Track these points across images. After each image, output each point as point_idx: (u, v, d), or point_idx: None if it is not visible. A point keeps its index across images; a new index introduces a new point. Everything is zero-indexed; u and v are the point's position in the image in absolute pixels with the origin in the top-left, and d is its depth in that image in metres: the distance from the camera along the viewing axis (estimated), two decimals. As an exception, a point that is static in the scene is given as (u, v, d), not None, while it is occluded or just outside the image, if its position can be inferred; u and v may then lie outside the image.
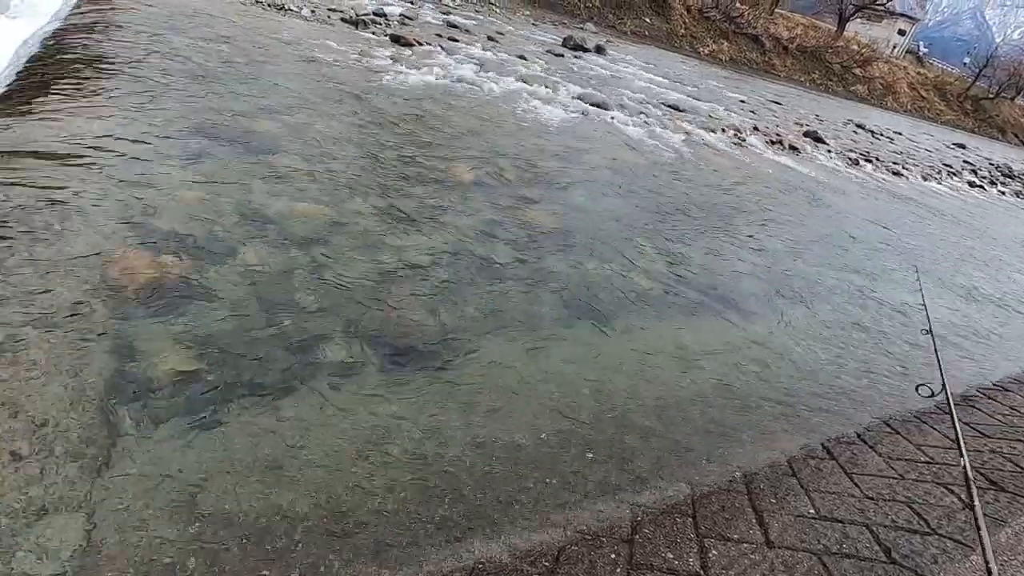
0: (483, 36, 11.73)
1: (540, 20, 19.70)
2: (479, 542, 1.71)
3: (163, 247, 2.59)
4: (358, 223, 3.28)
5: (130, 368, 1.99)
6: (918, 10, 51.06)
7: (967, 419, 3.05)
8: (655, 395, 2.64)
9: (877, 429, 2.84)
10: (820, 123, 14.98)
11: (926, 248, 6.70)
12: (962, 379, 3.69)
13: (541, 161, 5.22)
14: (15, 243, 2.32)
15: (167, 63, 4.67)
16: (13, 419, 1.70)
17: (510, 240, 3.64)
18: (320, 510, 1.70)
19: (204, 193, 3.07)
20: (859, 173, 9.93)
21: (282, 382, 2.13)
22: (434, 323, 2.69)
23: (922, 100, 37.39)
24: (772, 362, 3.22)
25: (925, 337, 2.79)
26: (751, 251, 4.74)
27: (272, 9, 8.34)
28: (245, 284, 2.55)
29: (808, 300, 4.18)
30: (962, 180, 13.28)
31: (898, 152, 14.54)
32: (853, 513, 2.04)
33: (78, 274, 2.28)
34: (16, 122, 3.21)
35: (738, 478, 2.25)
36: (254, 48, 5.93)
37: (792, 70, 31.11)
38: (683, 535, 1.86)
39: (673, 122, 8.76)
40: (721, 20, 29.19)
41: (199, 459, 1.77)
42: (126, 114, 3.62)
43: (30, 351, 1.91)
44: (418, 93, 6.21)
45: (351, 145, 4.28)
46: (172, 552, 1.49)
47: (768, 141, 9.78)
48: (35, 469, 1.60)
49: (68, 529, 1.49)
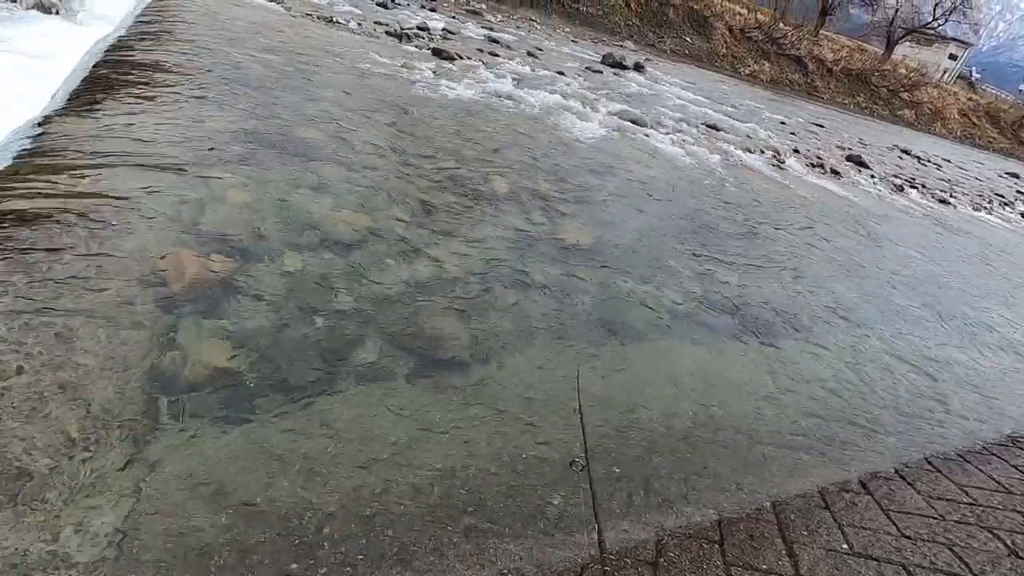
0: (523, 52, 11.89)
1: (580, 37, 19.86)
2: (503, 554, 1.71)
3: (210, 247, 2.69)
4: (395, 231, 3.35)
5: (173, 362, 2.07)
6: (971, 35, 49.58)
7: (1013, 462, 2.91)
8: (684, 417, 2.61)
9: (916, 466, 2.73)
10: (864, 147, 14.62)
11: (972, 279, 6.44)
12: (1015, 422, 3.52)
13: (576, 176, 5.24)
14: (73, 238, 2.45)
15: (222, 71, 4.88)
16: (66, 404, 1.79)
17: (543, 254, 3.66)
18: (348, 510, 1.73)
19: (250, 197, 3.19)
20: (904, 200, 9.63)
21: (316, 383, 2.19)
22: (465, 333, 2.72)
23: (973, 127, 36.13)
24: (806, 390, 3.14)
25: (971, 374, 2.69)
26: (788, 276, 4.64)
27: (321, 22, 8.64)
28: (285, 286, 2.63)
29: (847, 330, 4.07)
30: (1015, 211, 12.73)
31: (946, 180, 14.06)
32: (889, 552, 1.96)
33: (130, 269, 2.39)
34: (81, 124, 3.40)
35: (767, 507, 2.19)
36: (303, 59, 6.15)
37: (836, 92, 30.52)
38: (709, 561, 1.82)
39: (711, 142, 8.68)
40: (764, 41, 28.91)
41: (233, 453, 1.82)
42: (181, 119, 3.80)
43: (83, 340, 2.01)
44: (458, 106, 6.32)
45: (391, 155, 4.38)
46: (205, 540, 1.54)
47: (809, 164, 9.58)
48: (83, 452, 1.68)
49: (109, 512, 1.56)
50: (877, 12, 40.90)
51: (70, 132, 3.27)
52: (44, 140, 3.14)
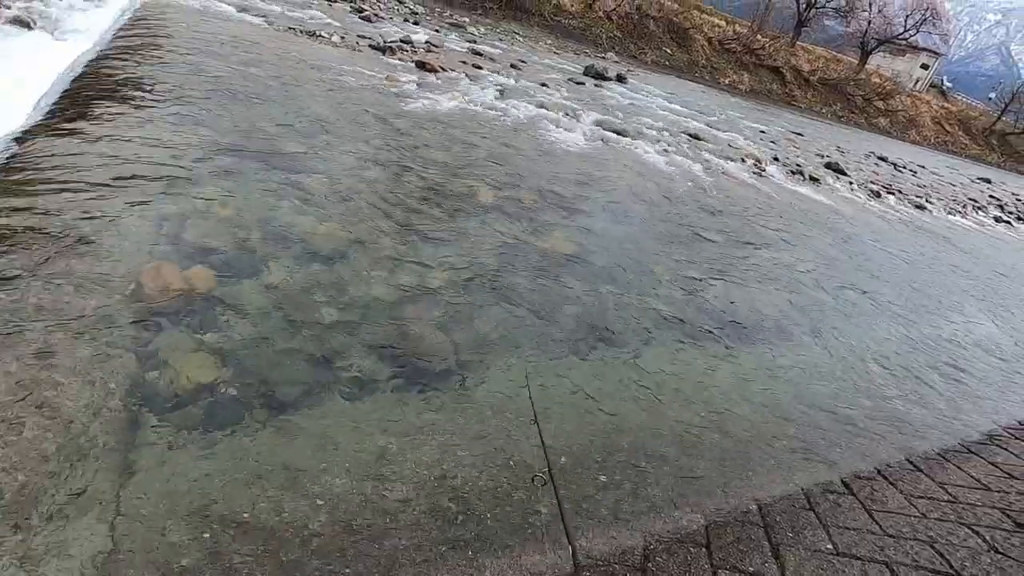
0: (506, 64, 12.00)
1: (562, 50, 20.10)
2: (491, 563, 1.71)
3: (192, 261, 2.67)
4: (379, 243, 3.35)
5: (155, 377, 2.05)
6: (941, 45, 51.02)
7: (991, 459, 2.97)
8: (670, 422, 2.63)
9: (898, 465, 2.77)
10: (842, 155, 14.93)
11: (947, 281, 6.59)
12: (993, 419, 3.60)
13: (560, 187, 5.29)
14: (54, 255, 2.42)
15: (204, 85, 4.86)
16: (44, 421, 1.75)
17: (527, 264, 3.68)
18: (334, 523, 1.72)
19: (233, 211, 3.17)
20: (881, 206, 9.84)
21: (300, 396, 2.17)
22: (450, 344, 2.72)
23: (946, 134, 37.10)
24: (788, 393, 3.19)
25: (949, 373, 2.75)
26: (769, 282, 4.71)
27: (304, 36, 8.66)
28: (268, 299, 2.61)
29: (826, 333, 4.13)
30: (988, 215, 13.07)
31: (921, 185, 14.40)
32: (873, 551, 1.99)
33: (111, 285, 2.37)
34: (60, 140, 3.36)
35: (753, 510, 2.21)
36: (285, 72, 6.15)
37: (813, 102, 31.19)
38: (697, 565, 1.84)
39: (692, 150, 8.81)
40: (742, 52, 29.50)
41: (217, 468, 1.80)
42: (163, 133, 3.77)
43: (63, 357, 1.98)
44: (441, 118, 6.36)
45: (374, 167, 4.39)
46: (189, 557, 1.52)
47: (788, 171, 9.77)
48: (61, 471, 1.64)
49: (90, 531, 1.53)
50: (851, 24, 41.97)
51: (48, 148, 3.23)
52: (21, 156, 3.10)
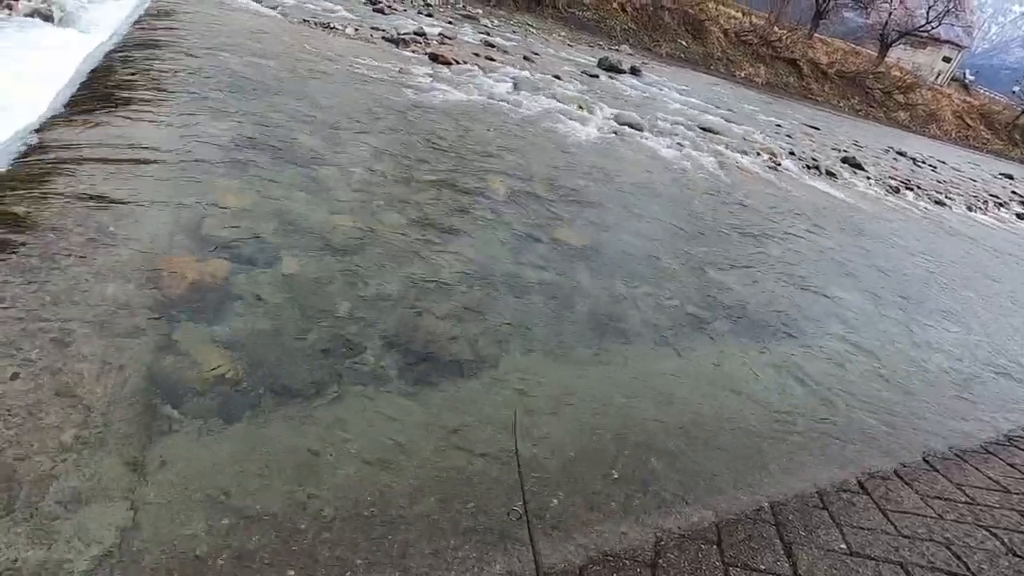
0: (519, 56, 11.93)
1: (576, 42, 19.94)
2: (502, 555, 1.71)
3: (208, 252, 2.70)
4: (392, 235, 3.36)
5: (172, 366, 2.07)
6: (964, 38, 49.90)
7: (1010, 460, 2.92)
8: (682, 418, 2.61)
9: (914, 466, 2.74)
10: (859, 149, 14.69)
11: (970, 281, 6.47)
12: (1013, 421, 3.53)
13: (573, 180, 5.26)
14: (72, 244, 2.45)
15: (220, 77, 4.89)
16: (62, 409, 1.78)
17: (540, 257, 3.67)
18: (346, 513, 1.73)
19: (249, 202, 3.19)
20: (899, 202, 9.68)
21: (314, 386, 2.19)
22: (463, 336, 2.72)
23: (967, 128, 36.34)
24: (802, 391, 3.15)
25: (970, 373, 2.70)
26: (785, 278, 4.66)
27: (318, 28, 8.67)
28: (283, 290, 2.63)
29: (844, 331, 4.08)
30: (1010, 211, 12.80)
31: (941, 181, 14.13)
32: (888, 552, 1.97)
33: (128, 275, 2.39)
34: (79, 130, 3.41)
35: (766, 507, 2.19)
36: (300, 65, 6.16)
37: (831, 95, 30.68)
38: (708, 563, 1.83)
39: (707, 144, 8.71)
40: (758, 44, 29.06)
41: (231, 457, 1.82)
42: (179, 125, 3.80)
43: (80, 346, 2.01)
44: (454, 110, 6.34)
45: (388, 159, 4.39)
46: (204, 545, 1.54)
47: (804, 166, 9.63)
48: (79, 458, 1.67)
49: (107, 517, 1.55)
50: (871, 15, 41.18)
51: (68, 138, 3.27)
52: (42, 146, 3.14)
